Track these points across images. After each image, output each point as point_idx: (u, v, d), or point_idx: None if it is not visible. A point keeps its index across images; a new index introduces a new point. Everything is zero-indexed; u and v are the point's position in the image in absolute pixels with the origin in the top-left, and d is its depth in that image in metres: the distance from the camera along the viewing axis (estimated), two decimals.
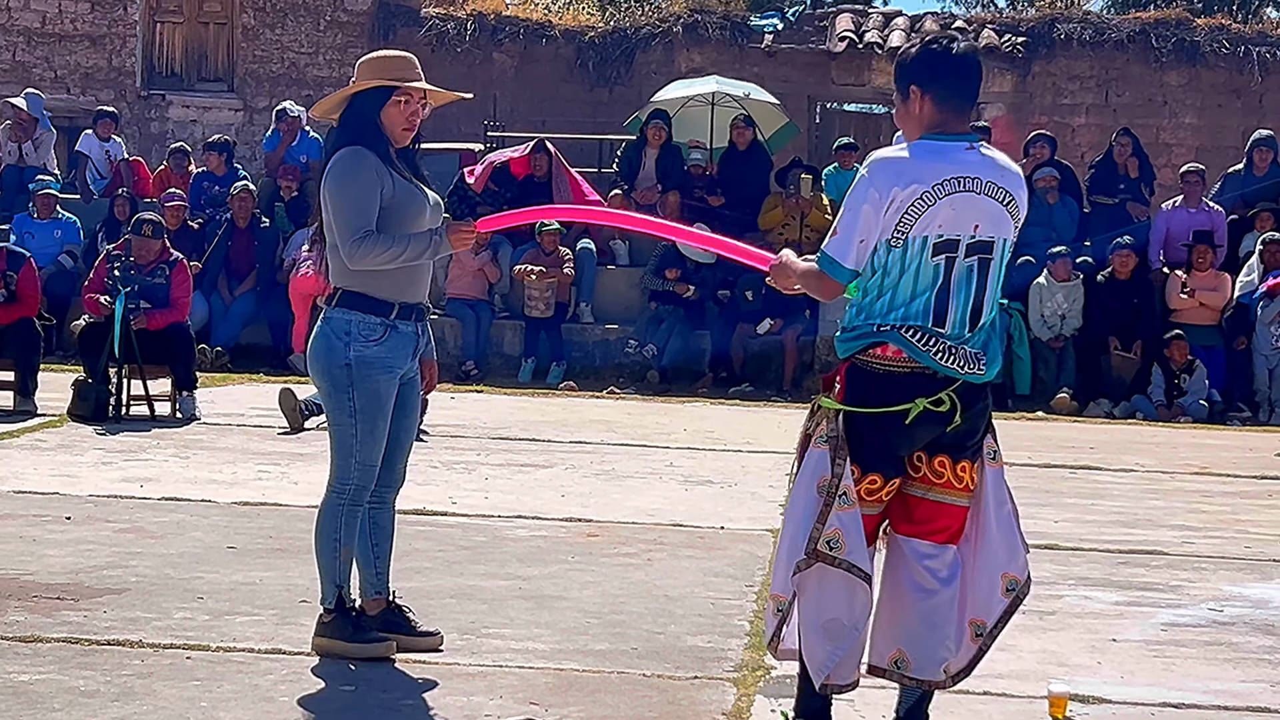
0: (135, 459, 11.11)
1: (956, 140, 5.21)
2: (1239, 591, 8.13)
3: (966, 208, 5.14)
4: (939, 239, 5.12)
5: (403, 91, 6.27)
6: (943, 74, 5.24)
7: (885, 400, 5.14)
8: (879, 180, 5.13)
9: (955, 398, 5.16)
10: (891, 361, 5.16)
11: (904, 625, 5.30)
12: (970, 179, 5.14)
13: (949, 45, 5.28)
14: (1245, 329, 16.83)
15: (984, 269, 5.20)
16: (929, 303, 5.15)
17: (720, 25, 23.57)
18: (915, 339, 5.13)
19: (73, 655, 6.16)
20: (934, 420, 5.16)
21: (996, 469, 5.37)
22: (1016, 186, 5.26)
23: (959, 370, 5.16)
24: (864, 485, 5.19)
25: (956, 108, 5.26)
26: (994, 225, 5.18)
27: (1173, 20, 23.62)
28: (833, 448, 5.17)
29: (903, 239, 5.12)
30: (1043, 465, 12.38)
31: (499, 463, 11.50)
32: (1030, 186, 17.90)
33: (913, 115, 5.28)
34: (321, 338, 6.24)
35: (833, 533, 5.12)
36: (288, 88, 23.40)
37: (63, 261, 18.17)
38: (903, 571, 5.32)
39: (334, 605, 6.27)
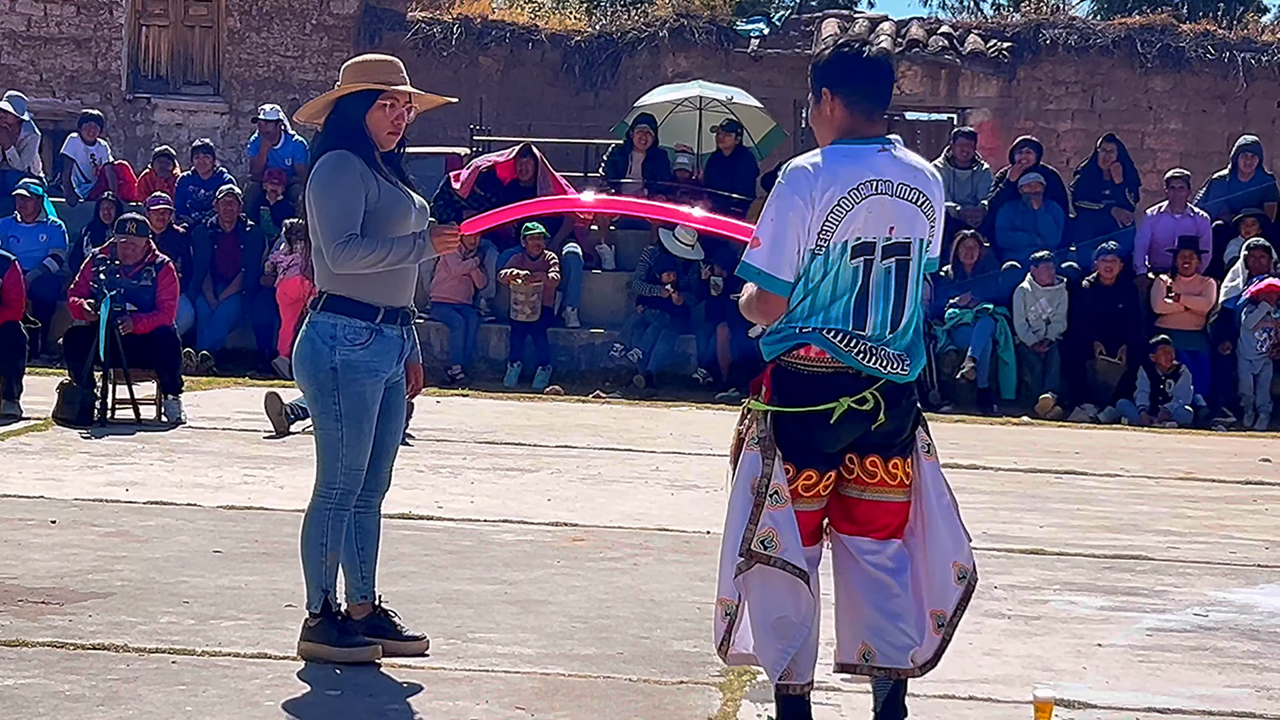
0: (120, 463, 11.10)
1: (868, 144, 5.27)
2: (1224, 597, 8.15)
3: (882, 210, 5.20)
4: (857, 242, 5.19)
5: (388, 95, 6.27)
6: (854, 77, 5.31)
7: (810, 400, 5.22)
8: (801, 189, 5.18)
9: (879, 396, 5.23)
10: (815, 362, 5.24)
11: (863, 620, 5.35)
12: (884, 181, 5.20)
13: (861, 49, 5.35)
14: (1230, 334, 16.86)
15: (902, 270, 5.27)
16: (849, 305, 5.22)
17: (706, 30, 23.59)
18: (837, 340, 5.20)
19: (58, 659, 6.15)
20: (858, 419, 5.23)
21: (932, 462, 5.43)
22: (929, 186, 5.32)
23: (881, 370, 5.23)
24: (800, 482, 5.26)
25: (868, 110, 5.32)
26: (909, 226, 5.26)
27: (1158, 26, 23.67)
28: (762, 448, 5.24)
29: (825, 245, 5.18)
30: (1028, 470, 12.40)
31: (485, 467, 11.49)
32: (1015, 192, 18.22)
33: (825, 118, 5.36)
34: (307, 341, 6.24)
35: (766, 532, 5.19)
36: (273, 91, 23.39)
37: (48, 265, 18.13)
38: (851, 570, 5.38)
39: (320, 610, 6.27)
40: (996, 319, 17.07)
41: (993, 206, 18.49)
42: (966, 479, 11.80)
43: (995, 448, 13.69)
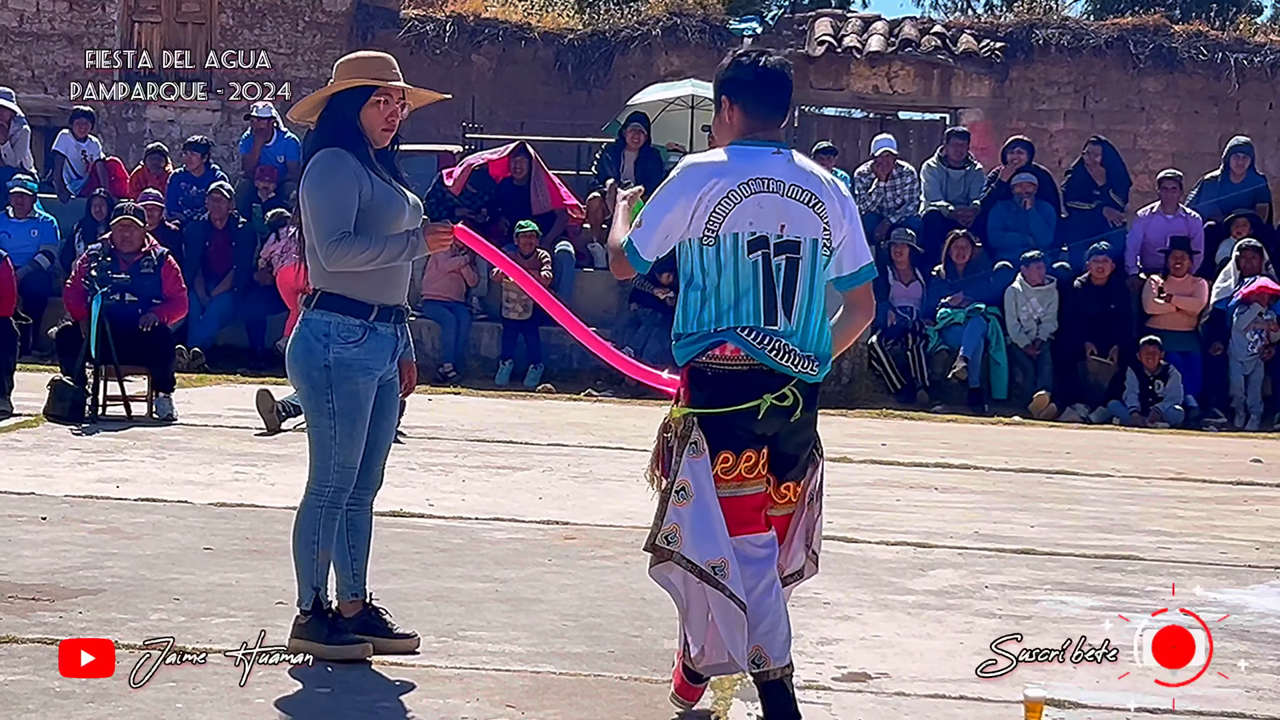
0: (111, 459, 11.09)
1: (765, 145, 5.48)
2: (1214, 597, 8.14)
3: (772, 207, 5.38)
4: (751, 236, 5.37)
5: (382, 91, 6.26)
6: (752, 86, 5.52)
7: (728, 399, 5.36)
8: (688, 181, 5.41)
9: (797, 393, 5.40)
10: (731, 361, 5.37)
11: (759, 623, 5.43)
12: (775, 181, 5.40)
13: (759, 59, 5.57)
14: (1221, 335, 16.88)
15: (793, 267, 5.41)
16: (756, 301, 5.37)
17: (699, 29, 23.60)
18: (751, 338, 5.35)
19: (48, 656, 6.13)
20: (779, 413, 5.39)
21: (813, 470, 5.64)
22: (822, 190, 5.48)
23: (793, 369, 5.39)
24: (742, 466, 5.41)
25: (765, 117, 5.53)
26: (799, 226, 5.41)
27: (1151, 26, 23.70)
28: (677, 450, 5.41)
29: (714, 236, 5.36)
30: (1019, 470, 12.41)
31: (476, 465, 11.49)
32: (1008, 192, 18.23)
33: (725, 123, 5.57)
34: (300, 339, 6.23)
35: (670, 527, 5.39)
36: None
37: (39, 261, 18.11)
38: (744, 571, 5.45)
39: (311, 607, 6.26)
40: (988, 319, 17.08)
41: (985, 206, 18.51)
42: (958, 479, 11.83)
43: (986, 447, 13.70)
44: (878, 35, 23.60)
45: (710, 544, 5.36)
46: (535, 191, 18.68)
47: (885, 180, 18.88)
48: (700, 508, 5.36)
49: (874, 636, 7.05)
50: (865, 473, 11.92)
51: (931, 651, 6.83)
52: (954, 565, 8.64)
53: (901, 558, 8.80)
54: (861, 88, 23.56)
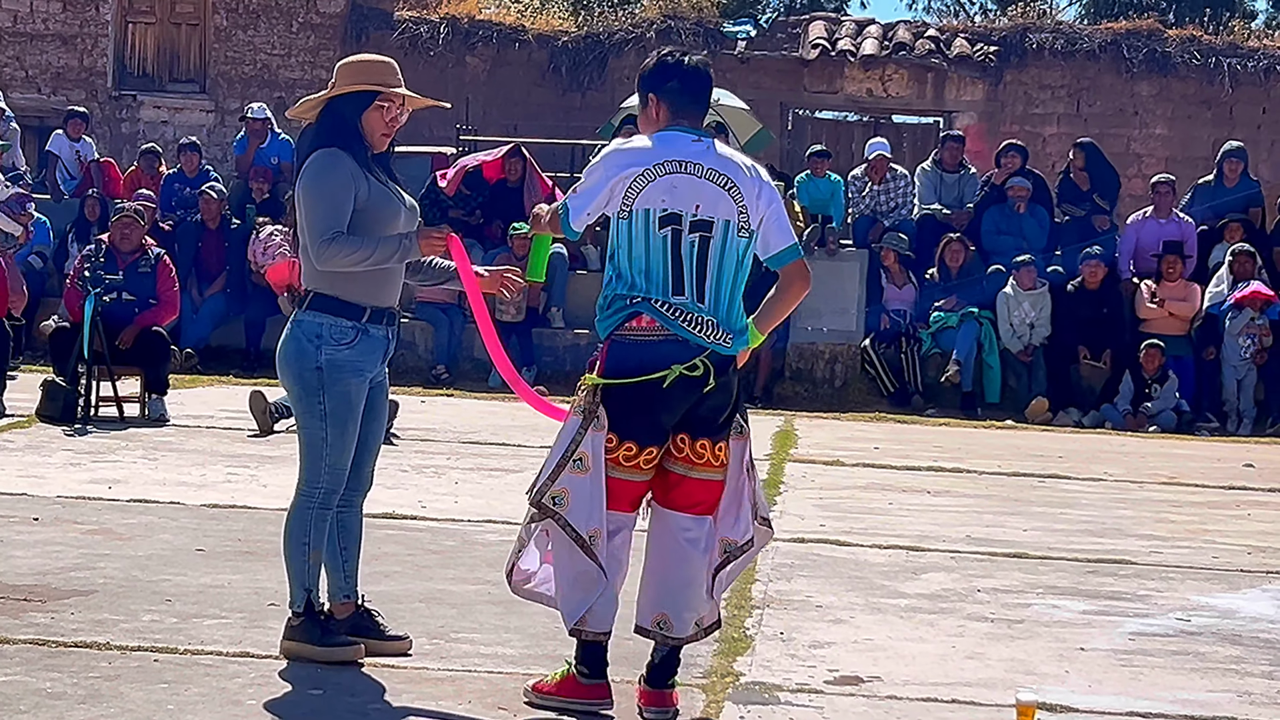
0: (104, 460, 11.08)
1: (686, 132, 5.80)
2: (1206, 601, 8.16)
3: (687, 188, 5.68)
4: (663, 213, 5.67)
5: (385, 97, 6.27)
6: (674, 83, 5.82)
7: (643, 369, 5.64)
8: (611, 162, 5.77)
9: (708, 364, 5.65)
10: (647, 331, 5.67)
11: (667, 590, 5.81)
12: (692, 164, 5.71)
13: (681, 58, 5.86)
14: (1214, 339, 16.90)
15: (705, 245, 5.70)
16: (665, 274, 5.67)
17: (693, 31, 23.59)
18: (664, 310, 5.64)
19: (40, 657, 6.13)
20: (690, 385, 5.65)
21: (740, 442, 5.83)
22: (739, 175, 5.76)
23: (706, 340, 5.65)
24: (621, 452, 5.70)
25: (687, 112, 5.84)
26: (712, 206, 5.70)
27: (1144, 31, 23.71)
28: (584, 418, 5.70)
29: (629, 210, 5.69)
30: (1012, 474, 12.42)
31: (469, 467, 11.49)
32: (1001, 196, 18.24)
33: (650, 119, 5.88)
34: (292, 340, 6.23)
35: (559, 490, 5.70)
36: (259, 89, 23.36)
37: (32, 262, 18.08)
38: (666, 541, 5.83)
39: (303, 609, 6.26)
40: (981, 322, 17.10)
41: (978, 210, 18.52)
42: (950, 482, 11.83)
43: (979, 451, 13.71)
44: (871, 39, 23.60)
45: (595, 514, 5.69)
46: (529, 193, 18.67)
47: (879, 184, 18.89)
48: (593, 481, 5.68)
49: (866, 640, 7.05)
50: (858, 476, 11.93)
51: (924, 655, 6.83)
52: (946, 569, 8.65)
53: (894, 561, 8.80)
54: (855, 91, 23.58)
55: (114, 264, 13.44)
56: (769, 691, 6.17)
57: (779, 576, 8.21)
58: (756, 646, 6.82)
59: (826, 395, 17.20)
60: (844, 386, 17.38)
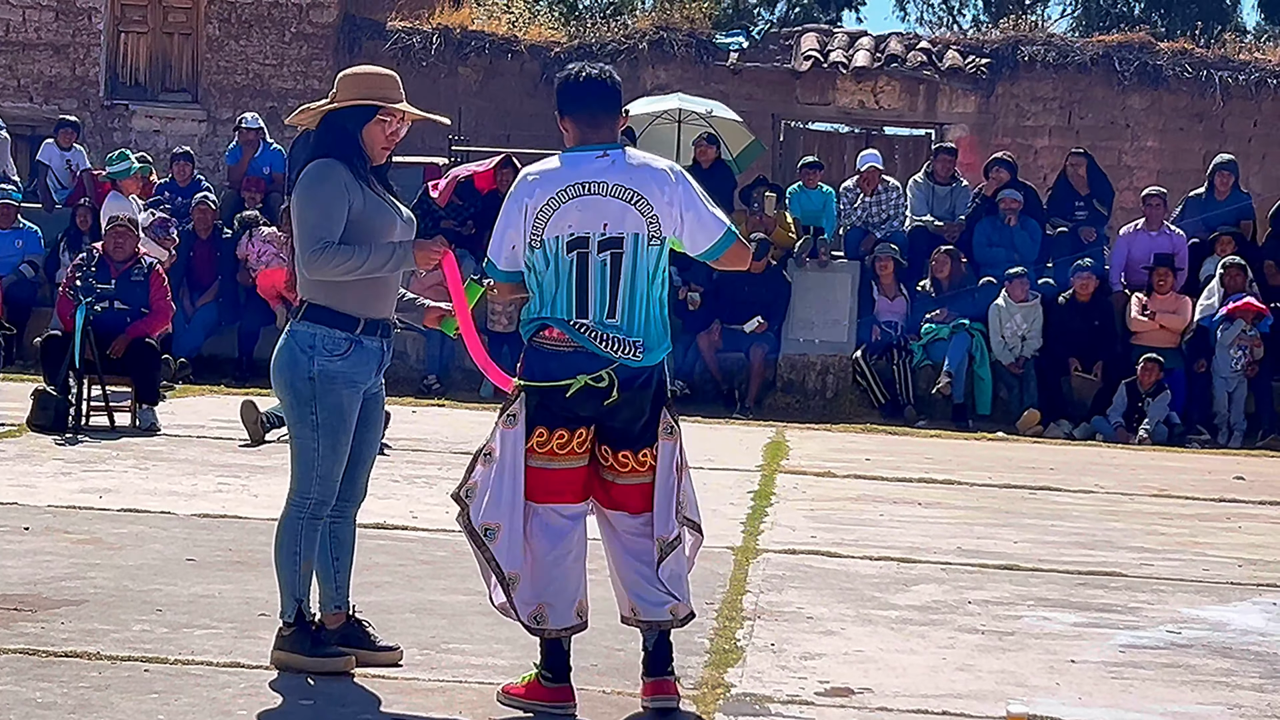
0: (94, 470, 11.07)
1: (591, 150, 5.93)
2: (1197, 614, 8.16)
3: (593, 209, 5.84)
4: (571, 237, 5.84)
5: (386, 111, 6.27)
6: (574, 97, 5.99)
7: (551, 376, 5.86)
8: (518, 194, 5.92)
9: (613, 375, 5.84)
10: (557, 342, 5.88)
11: (626, 581, 6.04)
12: (597, 183, 5.86)
13: (577, 73, 6.01)
14: (1205, 352, 16.92)
15: (616, 262, 5.87)
16: (570, 295, 5.86)
17: (686, 43, 23.61)
18: (571, 325, 5.86)
19: (30, 666, 6.13)
20: (595, 395, 5.85)
21: (670, 443, 6.02)
22: (647, 184, 5.91)
23: (613, 354, 5.84)
24: (554, 441, 5.90)
25: (591, 123, 5.97)
26: (619, 222, 5.86)
27: (1136, 44, 23.75)
28: (502, 418, 5.94)
29: (539, 239, 5.86)
30: (1003, 486, 12.42)
31: (460, 478, 11.45)
32: (993, 208, 18.26)
33: (565, 136, 6.04)
34: (286, 350, 6.22)
35: (471, 483, 5.95)
36: (252, 99, 23.34)
37: (23, 271, 18.10)
38: (612, 538, 6.07)
39: (294, 619, 6.25)
40: (973, 334, 17.11)
41: (970, 222, 18.53)
42: (941, 494, 11.84)
43: (970, 463, 13.71)
44: (863, 51, 23.63)
45: (492, 508, 5.88)
46: None
47: (870, 195, 18.91)
48: (497, 474, 5.88)
49: (857, 651, 7.05)
50: (849, 487, 11.93)
51: (915, 667, 6.83)
52: (937, 580, 8.65)
53: (885, 573, 8.80)
54: (847, 103, 23.60)
55: (106, 273, 13.43)
56: (760, 703, 6.17)
57: (770, 588, 8.21)
58: (747, 658, 6.82)
59: (818, 407, 17.20)
60: (835, 398, 17.39)
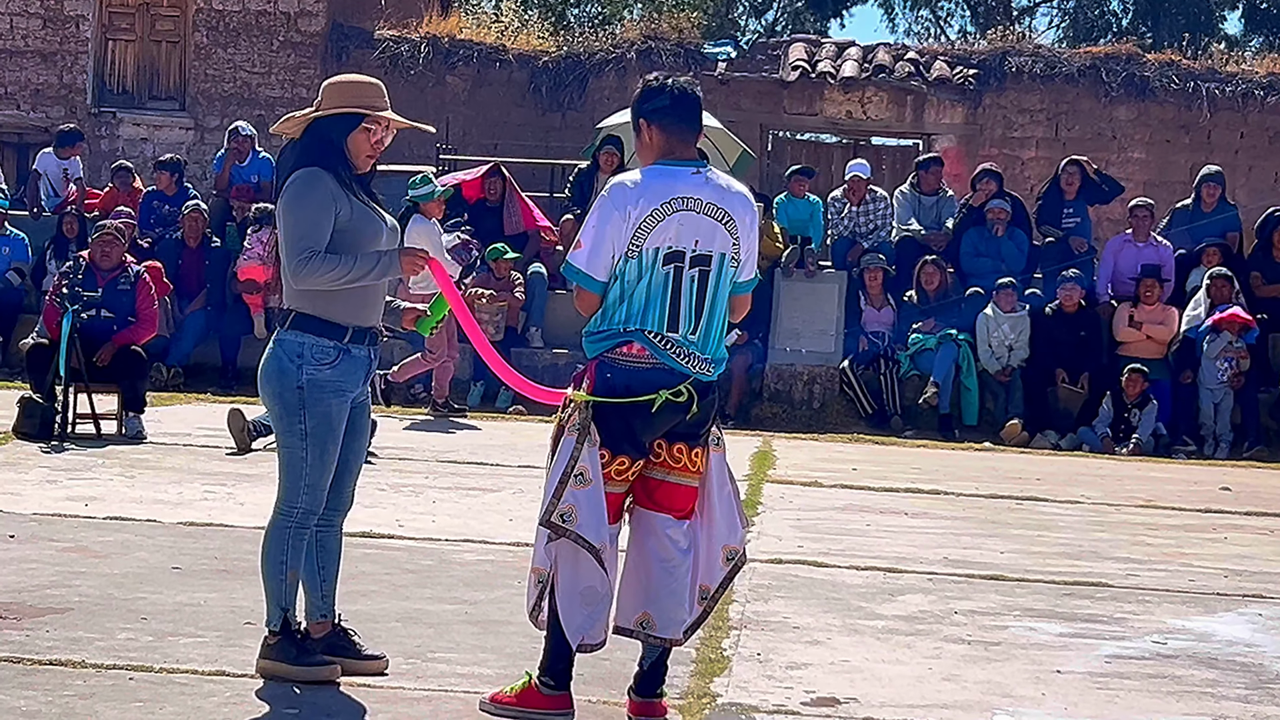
0: (80, 478, 11.05)
1: (684, 165, 5.94)
2: (1183, 625, 8.17)
3: (689, 224, 5.86)
4: (668, 250, 5.85)
5: (371, 120, 6.27)
6: (665, 107, 5.97)
7: (631, 392, 5.85)
8: (617, 201, 5.85)
9: (692, 390, 5.88)
10: (636, 358, 5.87)
11: (649, 591, 5.98)
12: (693, 199, 5.87)
13: (666, 80, 6.02)
14: (1191, 363, 16.93)
15: (704, 279, 5.91)
16: (663, 309, 5.86)
17: (674, 52, 23.62)
18: (656, 341, 5.86)
19: (14, 675, 6.12)
20: (674, 409, 5.88)
21: (719, 454, 6.08)
22: (736, 207, 5.97)
23: (690, 370, 5.89)
24: (614, 466, 5.90)
25: (680, 135, 5.98)
26: (710, 241, 5.90)
27: (1123, 55, 23.80)
28: (578, 435, 5.87)
29: (638, 251, 5.84)
30: (989, 496, 12.43)
31: (447, 486, 11.48)
32: (980, 218, 18.28)
33: (645, 144, 6.03)
34: (274, 359, 6.22)
35: (566, 507, 5.84)
36: (240, 107, 23.33)
37: (10, 279, 18.08)
38: (649, 544, 6.00)
39: (279, 628, 6.25)
40: (959, 345, 17.12)
41: (957, 233, 18.55)
42: (927, 504, 11.84)
43: (957, 473, 13.72)
44: (851, 61, 23.65)
45: (601, 527, 5.85)
46: (508, 213, 18.68)
47: (858, 205, 18.93)
48: (595, 493, 5.85)
49: (843, 661, 7.05)
50: (835, 497, 11.94)
51: (900, 677, 6.83)
52: (923, 590, 8.65)
53: (871, 583, 8.81)
54: (835, 113, 23.62)
55: (93, 281, 13.42)
56: (745, 713, 6.17)
57: (756, 597, 8.21)
58: (733, 667, 6.82)
59: (805, 416, 17.20)
60: (822, 408, 17.38)
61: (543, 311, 18.24)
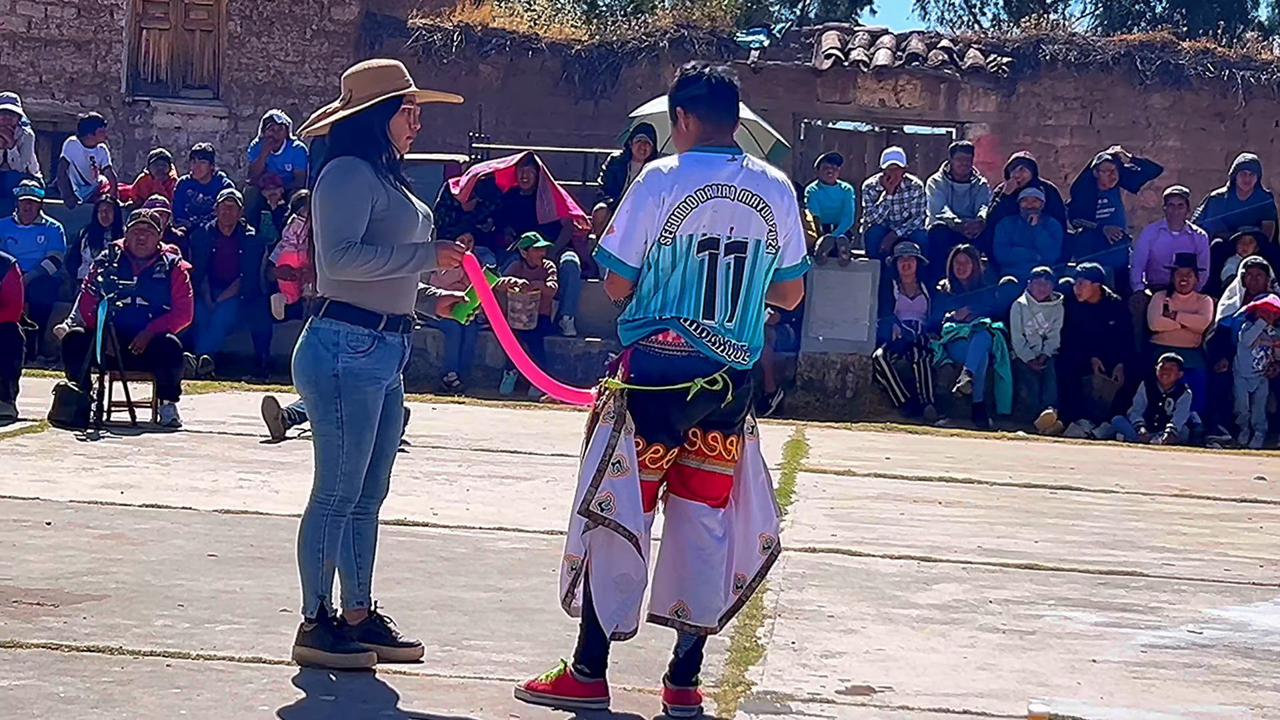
0: (116, 465, 11.09)
1: (720, 152, 5.92)
2: (1218, 614, 8.15)
3: (724, 211, 5.84)
4: (703, 237, 5.83)
5: (409, 99, 6.27)
6: (701, 95, 5.96)
7: (667, 379, 5.83)
8: (653, 187, 5.85)
9: (727, 379, 5.87)
10: (671, 346, 5.86)
11: (684, 579, 5.97)
12: (728, 186, 5.85)
13: (703, 69, 6.03)
14: (1227, 352, 16.87)
15: (740, 266, 5.88)
16: (699, 296, 5.84)
17: (707, 41, 23.62)
18: (692, 329, 5.84)
19: (52, 661, 6.15)
20: (709, 397, 5.86)
21: (754, 442, 6.08)
22: (771, 192, 5.93)
23: (726, 358, 5.87)
24: (648, 454, 5.88)
25: (717, 123, 5.97)
26: (745, 228, 5.87)
27: (1158, 43, 23.71)
28: (614, 422, 5.84)
29: (671, 237, 5.82)
30: (1023, 485, 12.40)
31: (480, 474, 11.49)
32: (1014, 207, 18.23)
33: (682, 132, 6.01)
34: (309, 348, 6.22)
35: (604, 496, 5.82)
36: (273, 96, 23.39)
37: (45, 267, 18.14)
38: (684, 531, 5.99)
39: (316, 615, 6.26)
40: (993, 334, 17.08)
41: (991, 221, 18.50)
42: (962, 493, 11.82)
43: (990, 462, 13.69)
44: (885, 49, 23.61)
45: (639, 515, 5.84)
46: (541, 201, 18.68)
47: (893, 193, 18.90)
48: (633, 481, 5.83)
49: (877, 650, 7.04)
50: (869, 486, 11.93)
51: (935, 666, 6.82)
52: (958, 580, 8.64)
53: (905, 571, 8.80)
54: (868, 101, 23.58)
55: (128, 269, 13.47)
56: (780, 701, 6.17)
57: (790, 586, 8.20)
58: (768, 656, 6.82)
59: (838, 405, 17.18)
60: (855, 397, 17.36)
61: (576, 300, 18.24)
